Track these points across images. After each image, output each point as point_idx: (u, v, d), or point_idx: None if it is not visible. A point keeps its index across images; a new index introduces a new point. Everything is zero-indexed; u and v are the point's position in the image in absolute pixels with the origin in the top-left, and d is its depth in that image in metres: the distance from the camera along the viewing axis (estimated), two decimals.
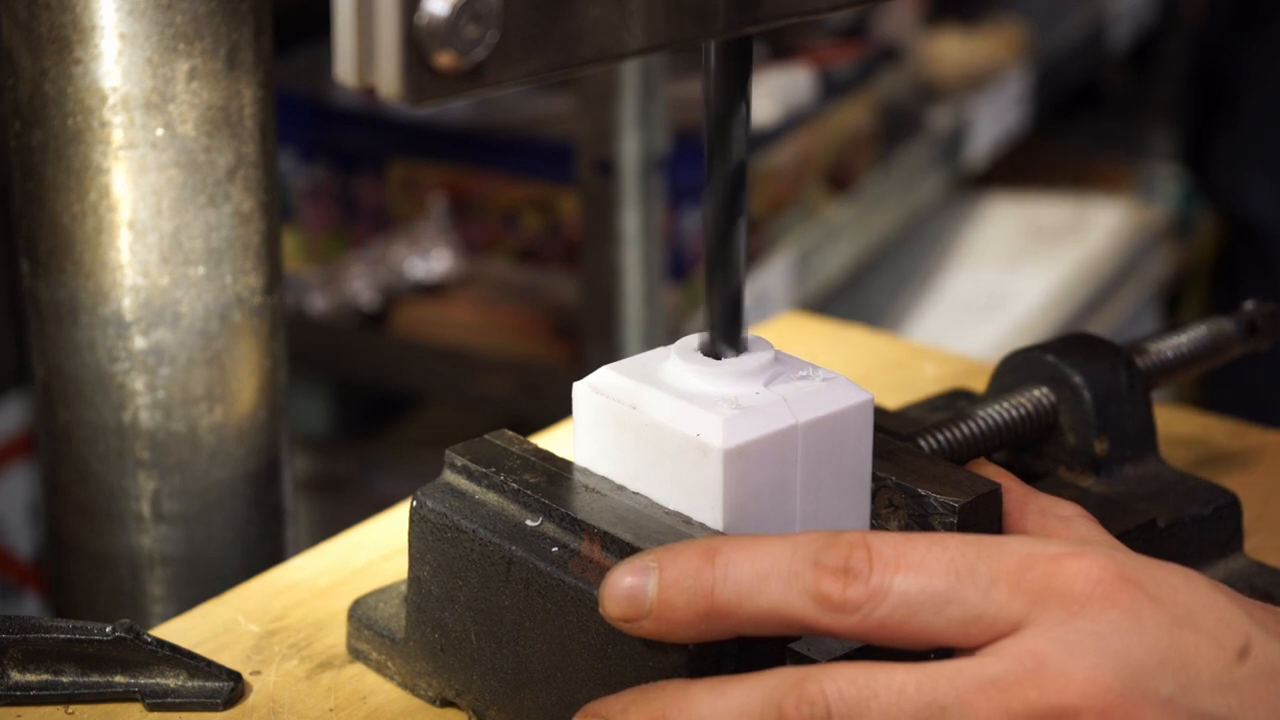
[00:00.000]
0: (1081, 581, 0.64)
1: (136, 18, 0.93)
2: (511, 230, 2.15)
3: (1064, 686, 0.62)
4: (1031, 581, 0.64)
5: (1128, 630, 0.63)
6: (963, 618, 0.64)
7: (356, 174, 2.22)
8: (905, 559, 0.65)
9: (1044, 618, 0.63)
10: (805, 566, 0.65)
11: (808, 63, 2.34)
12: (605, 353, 1.96)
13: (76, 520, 1.01)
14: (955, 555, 0.65)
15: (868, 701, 0.64)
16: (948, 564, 0.64)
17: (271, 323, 1.00)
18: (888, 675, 0.64)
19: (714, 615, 0.67)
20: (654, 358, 0.78)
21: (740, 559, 0.67)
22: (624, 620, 0.69)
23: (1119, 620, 0.63)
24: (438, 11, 0.60)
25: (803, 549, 0.66)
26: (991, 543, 0.65)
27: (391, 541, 0.95)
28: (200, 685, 0.82)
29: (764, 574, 0.66)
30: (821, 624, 0.65)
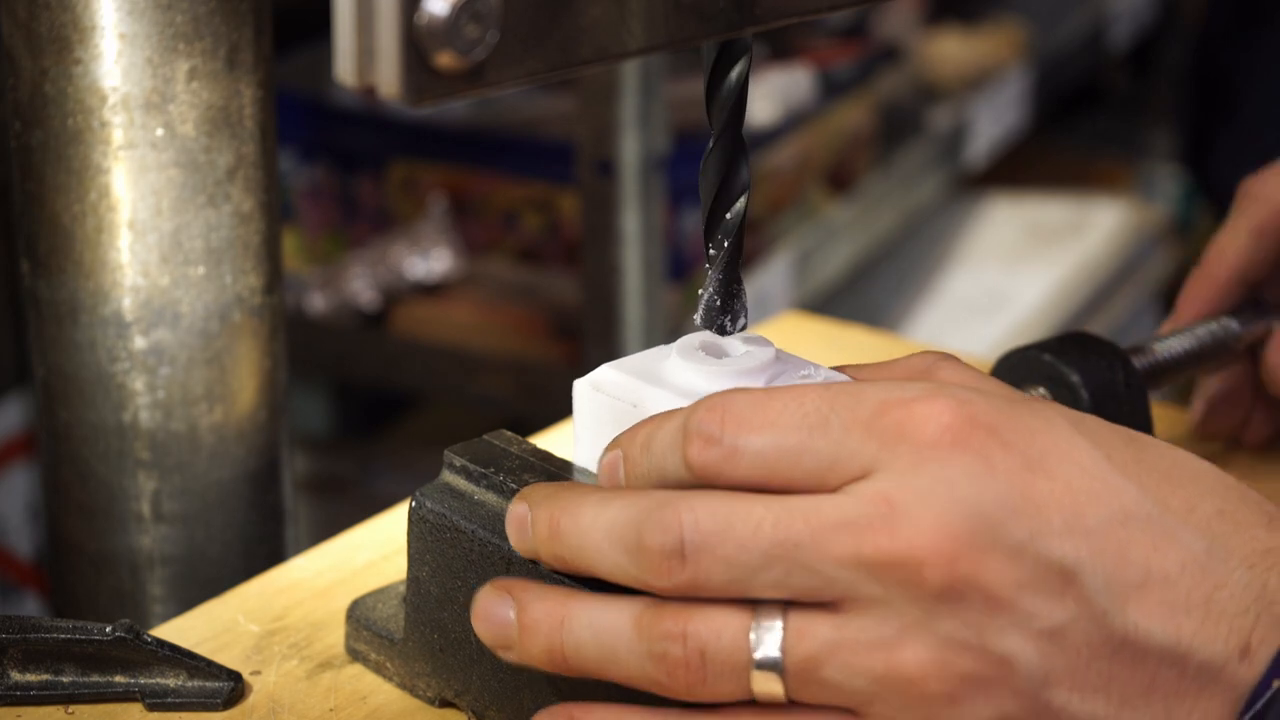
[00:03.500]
0: (932, 425, 0.63)
1: (136, 18, 0.93)
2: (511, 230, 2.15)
3: (912, 534, 0.62)
4: (884, 426, 0.64)
5: (977, 475, 0.63)
6: (817, 468, 0.64)
7: (356, 174, 2.22)
8: (758, 418, 0.65)
9: (895, 463, 0.63)
10: (677, 447, 0.66)
11: (808, 63, 2.34)
12: (605, 353, 1.96)
13: (76, 520, 1.01)
14: (810, 409, 0.64)
15: (724, 533, 0.64)
16: (800, 418, 0.64)
17: (271, 323, 1.00)
18: (746, 508, 0.64)
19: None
20: (654, 356, 0.78)
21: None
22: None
23: (969, 465, 0.63)
24: (438, 11, 0.60)
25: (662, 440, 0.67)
26: (848, 390, 0.65)
27: (391, 541, 0.95)
28: (200, 685, 0.82)
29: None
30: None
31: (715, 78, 0.74)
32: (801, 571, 0.63)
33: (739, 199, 0.76)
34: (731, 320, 0.77)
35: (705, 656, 0.65)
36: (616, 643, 0.67)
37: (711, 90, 0.74)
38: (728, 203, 0.76)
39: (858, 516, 0.63)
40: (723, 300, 0.76)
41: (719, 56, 0.74)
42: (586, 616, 0.68)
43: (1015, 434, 0.64)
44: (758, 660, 0.64)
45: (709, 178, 0.76)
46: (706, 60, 0.74)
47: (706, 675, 0.65)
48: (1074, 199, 2.92)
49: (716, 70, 0.74)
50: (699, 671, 0.65)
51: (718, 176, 0.75)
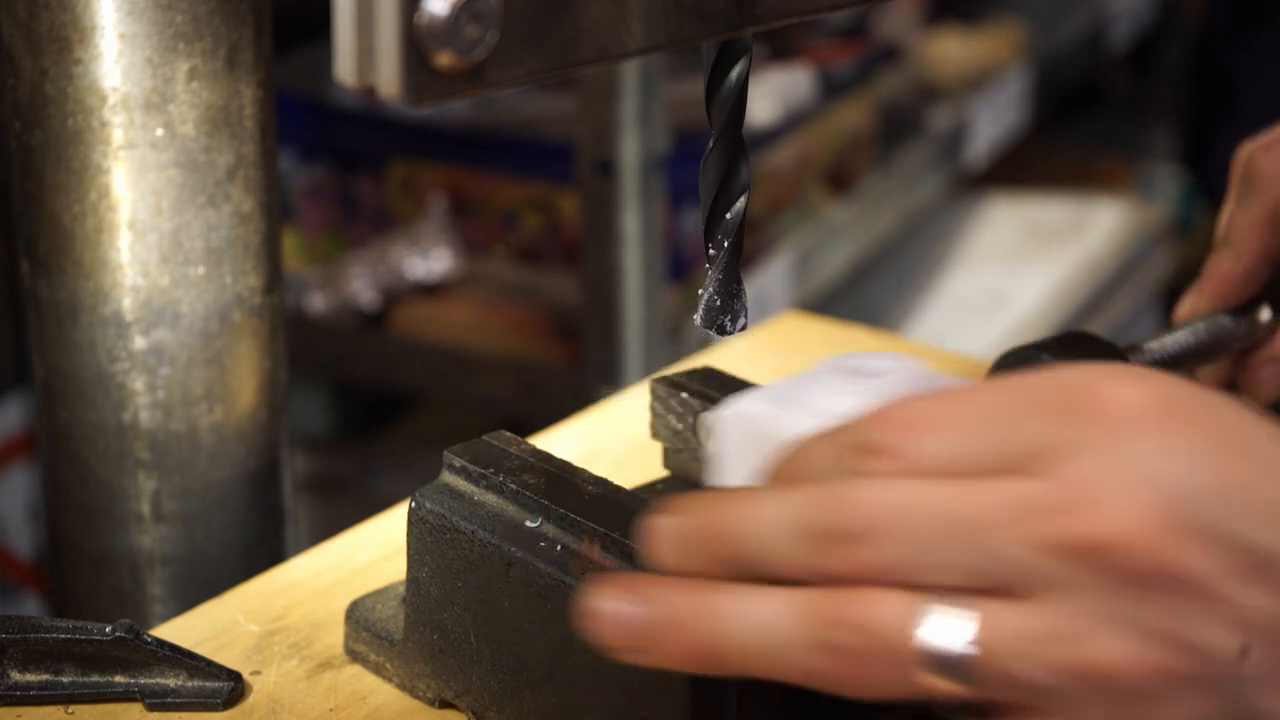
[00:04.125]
0: (1123, 406, 0.59)
1: (136, 18, 0.93)
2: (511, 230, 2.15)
3: (1110, 517, 0.57)
4: (1072, 410, 0.59)
5: (1176, 456, 0.58)
6: (1003, 463, 0.59)
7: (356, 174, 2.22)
8: (934, 420, 0.60)
9: (1088, 445, 0.59)
10: (843, 458, 0.62)
11: (808, 63, 2.34)
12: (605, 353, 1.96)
13: (76, 520, 1.01)
14: (987, 404, 0.60)
15: (904, 512, 0.59)
16: (979, 415, 0.60)
17: (271, 323, 1.00)
18: (930, 490, 0.59)
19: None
20: (790, 384, 0.73)
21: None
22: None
23: (1166, 445, 0.58)
24: (438, 11, 0.60)
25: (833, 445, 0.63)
26: (1023, 380, 0.61)
27: (391, 541, 0.95)
28: (200, 685, 0.82)
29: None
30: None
31: (715, 78, 0.74)
32: (987, 556, 0.59)
33: (739, 199, 0.76)
34: (731, 320, 0.77)
35: (876, 645, 0.60)
36: (778, 633, 0.61)
37: (711, 90, 0.74)
38: (728, 203, 0.76)
39: (1050, 498, 0.58)
40: (723, 300, 0.76)
41: (719, 56, 0.74)
42: (740, 608, 0.62)
43: (1206, 415, 0.60)
44: (935, 651, 0.59)
45: (709, 178, 0.75)
46: (706, 60, 0.74)
47: (877, 665, 0.60)
48: (1074, 199, 2.92)
49: (716, 70, 0.74)
50: (868, 661, 0.60)
51: (718, 176, 0.75)
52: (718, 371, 0.90)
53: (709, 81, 0.74)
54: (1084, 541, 0.58)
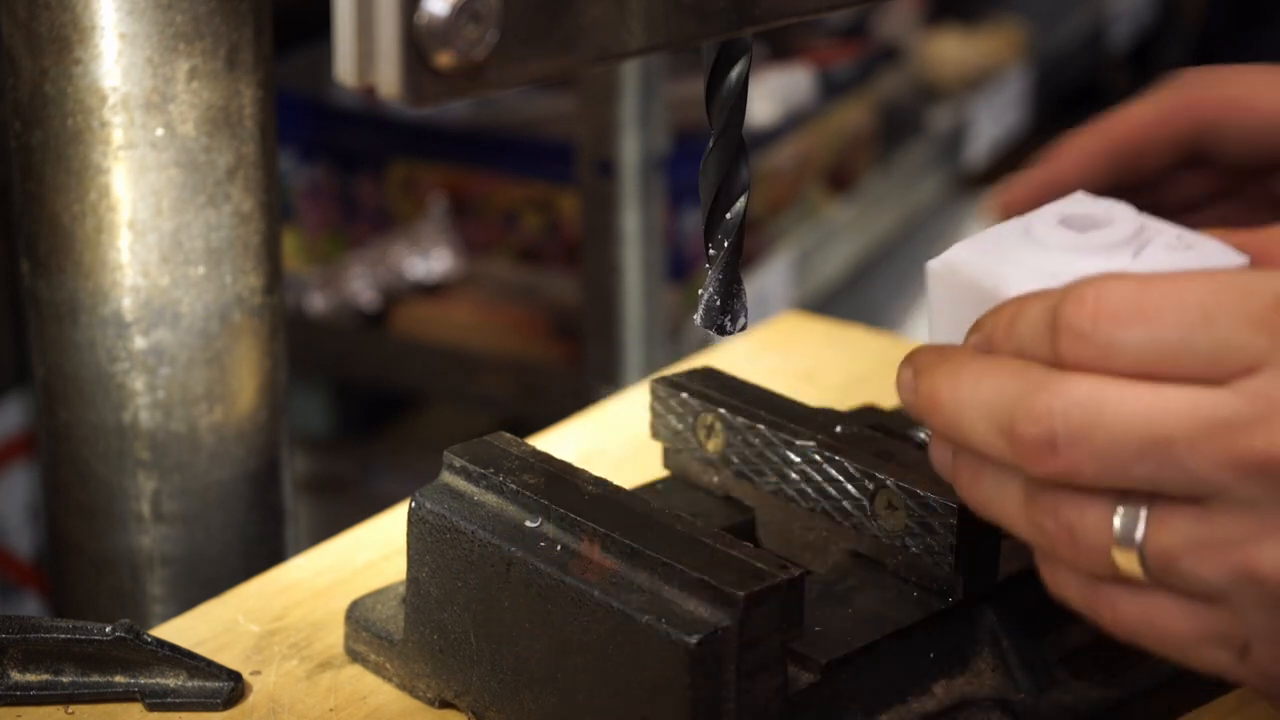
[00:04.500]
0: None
1: (136, 18, 0.92)
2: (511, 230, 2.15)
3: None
4: (1275, 322, 0.60)
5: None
6: (1198, 365, 0.61)
7: (356, 174, 2.22)
8: (1135, 311, 0.62)
9: (1277, 359, 0.60)
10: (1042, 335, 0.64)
11: (808, 63, 2.34)
12: (605, 353, 1.96)
13: (76, 520, 1.01)
14: (1191, 302, 0.61)
15: (1095, 427, 0.62)
16: (1181, 312, 0.61)
17: (271, 323, 1.00)
18: (1119, 400, 0.62)
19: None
20: (1007, 233, 0.72)
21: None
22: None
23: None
24: (438, 11, 0.60)
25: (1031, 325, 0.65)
26: (1234, 280, 0.61)
27: (391, 541, 0.95)
28: (200, 685, 0.82)
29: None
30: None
31: (715, 78, 0.74)
32: (1173, 469, 0.61)
33: (739, 199, 0.76)
34: (731, 320, 0.77)
35: (1074, 536, 0.64)
36: (1002, 507, 0.67)
37: (711, 90, 0.74)
38: (728, 203, 0.76)
39: (1236, 415, 0.60)
40: (723, 300, 0.76)
41: (719, 56, 0.74)
42: (968, 478, 0.68)
43: None
44: (1119, 544, 0.63)
45: (709, 178, 0.75)
46: (706, 60, 0.74)
47: (1078, 551, 0.64)
48: None
49: (716, 70, 0.74)
50: (1070, 547, 0.64)
51: (718, 176, 0.75)
52: (718, 371, 0.90)
53: (709, 81, 0.74)
54: (1264, 459, 0.60)
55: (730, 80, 0.74)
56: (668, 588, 0.74)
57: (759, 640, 0.73)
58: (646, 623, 0.73)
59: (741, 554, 0.74)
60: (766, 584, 0.73)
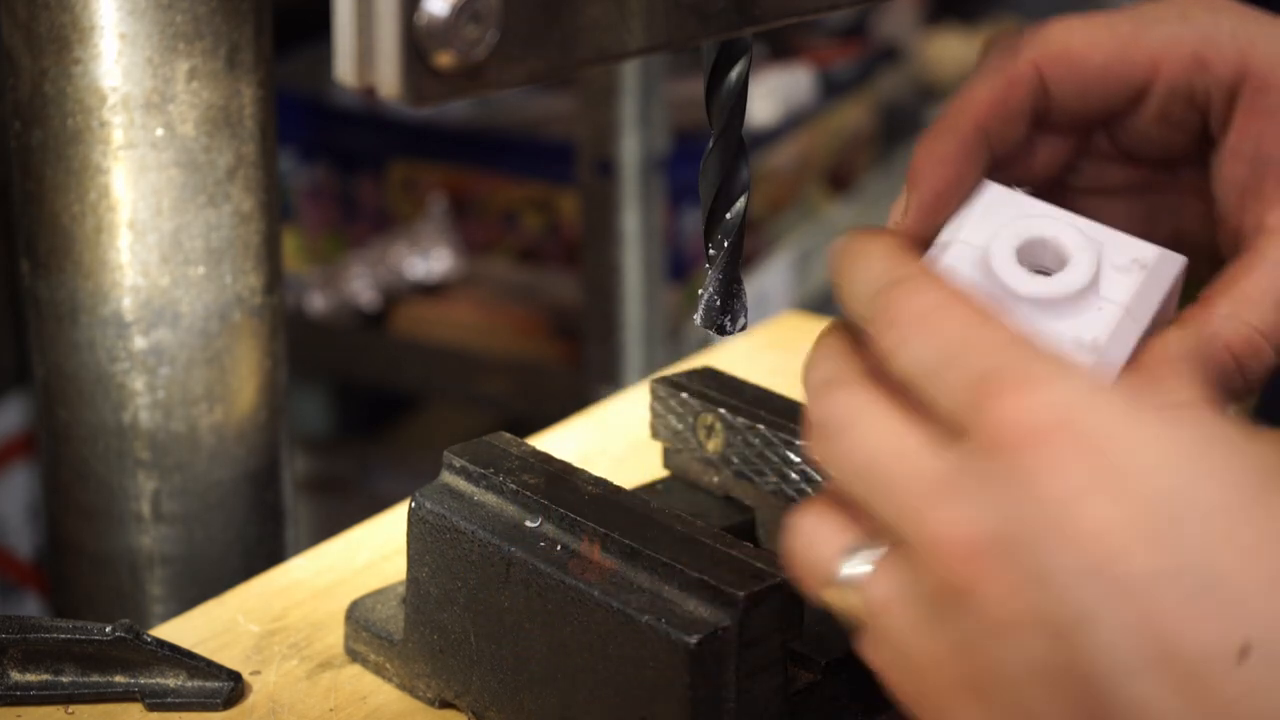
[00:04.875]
0: (1012, 425, 0.59)
1: (136, 18, 0.93)
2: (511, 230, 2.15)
3: (942, 523, 0.60)
4: (979, 397, 0.60)
5: (1027, 485, 0.58)
6: (940, 399, 0.62)
7: (356, 174, 2.22)
8: (919, 325, 0.63)
9: (972, 439, 0.60)
10: (871, 307, 0.65)
11: (808, 63, 2.34)
12: (605, 353, 1.96)
13: (76, 520, 1.01)
14: (950, 338, 0.62)
15: (840, 435, 0.63)
16: (942, 345, 0.62)
17: (271, 323, 1.00)
18: (869, 418, 0.63)
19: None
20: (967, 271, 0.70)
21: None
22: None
23: (1026, 473, 0.58)
24: (438, 11, 0.60)
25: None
26: (986, 342, 0.61)
27: (391, 541, 0.95)
28: (200, 685, 0.82)
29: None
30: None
31: (715, 78, 0.74)
32: (878, 503, 0.62)
33: (739, 199, 0.76)
34: (731, 320, 0.77)
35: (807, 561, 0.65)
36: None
37: (711, 90, 0.74)
38: (728, 203, 0.76)
39: (922, 480, 0.61)
40: (723, 300, 0.76)
41: (719, 56, 0.74)
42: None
43: (1098, 450, 0.58)
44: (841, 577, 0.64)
45: (709, 178, 0.75)
46: (706, 60, 0.74)
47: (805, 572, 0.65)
48: None
49: (716, 70, 0.74)
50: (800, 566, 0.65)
51: (718, 176, 0.75)
52: (718, 371, 0.90)
53: (709, 81, 0.74)
54: (920, 536, 0.61)
55: (730, 80, 0.74)
56: (668, 588, 0.74)
57: (759, 640, 0.73)
58: (646, 623, 0.73)
59: (741, 554, 0.75)
60: (766, 584, 0.73)
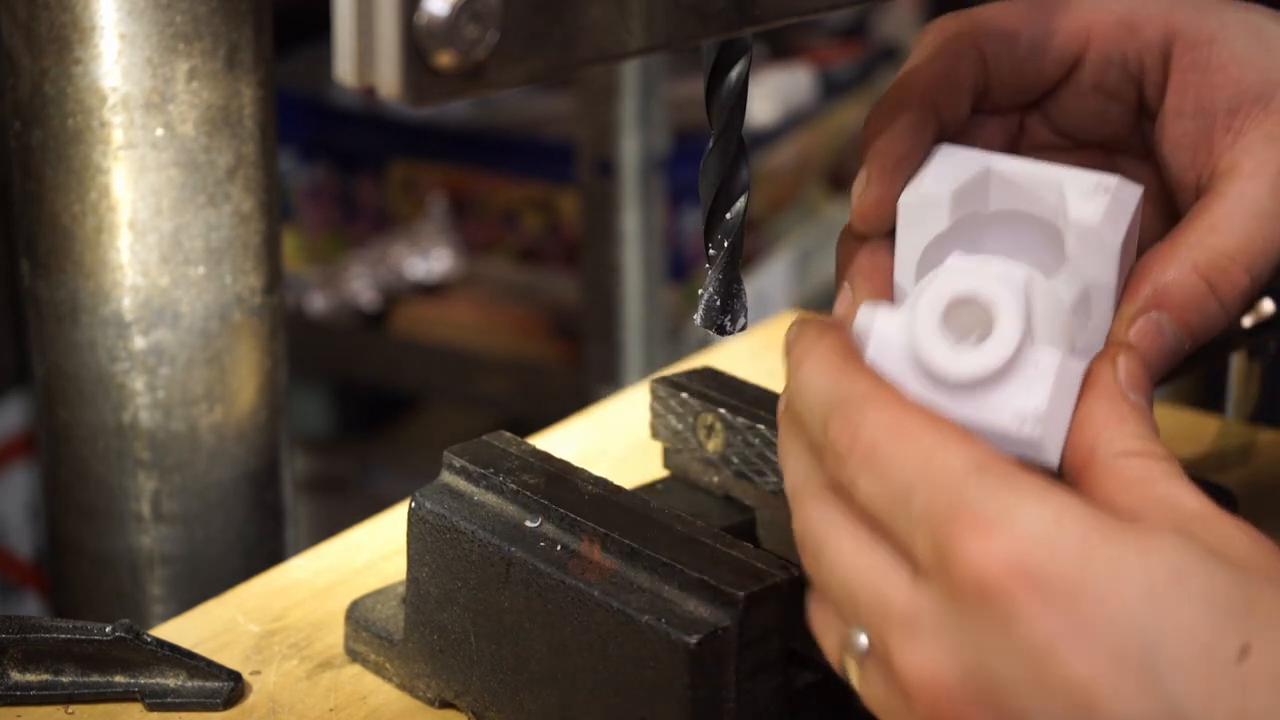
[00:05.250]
0: (971, 568, 0.59)
1: (136, 18, 0.93)
2: (511, 230, 2.15)
3: (914, 665, 0.60)
4: (939, 539, 0.60)
5: (991, 636, 0.58)
6: (899, 533, 0.62)
7: (356, 174, 2.22)
8: (874, 460, 0.62)
9: (933, 581, 0.60)
10: (822, 436, 0.65)
11: (808, 63, 2.34)
12: (605, 353, 1.96)
13: (76, 520, 1.01)
14: (909, 475, 0.61)
15: (818, 557, 0.64)
16: (901, 484, 0.61)
17: (271, 323, 1.00)
18: (837, 545, 0.63)
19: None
20: (893, 344, 0.67)
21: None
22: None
23: (987, 624, 0.59)
24: (438, 11, 0.60)
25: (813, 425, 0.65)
26: (942, 474, 0.61)
27: (391, 542, 0.95)
28: (200, 685, 0.82)
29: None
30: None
31: (715, 78, 0.74)
32: (859, 622, 0.63)
33: (739, 199, 0.76)
34: (731, 320, 0.77)
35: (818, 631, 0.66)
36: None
37: (711, 90, 0.74)
38: (728, 203, 0.76)
39: (895, 612, 0.61)
40: (723, 300, 0.76)
41: (719, 56, 0.74)
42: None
43: (1063, 597, 0.58)
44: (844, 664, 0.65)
45: (709, 178, 0.75)
46: (706, 60, 0.74)
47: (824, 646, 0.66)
48: None
49: (716, 70, 0.74)
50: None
51: (718, 176, 0.75)
52: (718, 371, 0.90)
53: (709, 81, 0.74)
54: (897, 676, 0.61)
55: (730, 80, 0.74)
56: (668, 588, 0.74)
57: (759, 640, 0.73)
58: (646, 623, 0.73)
59: (741, 554, 0.74)
60: (766, 584, 0.73)
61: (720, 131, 0.75)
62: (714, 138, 0.75)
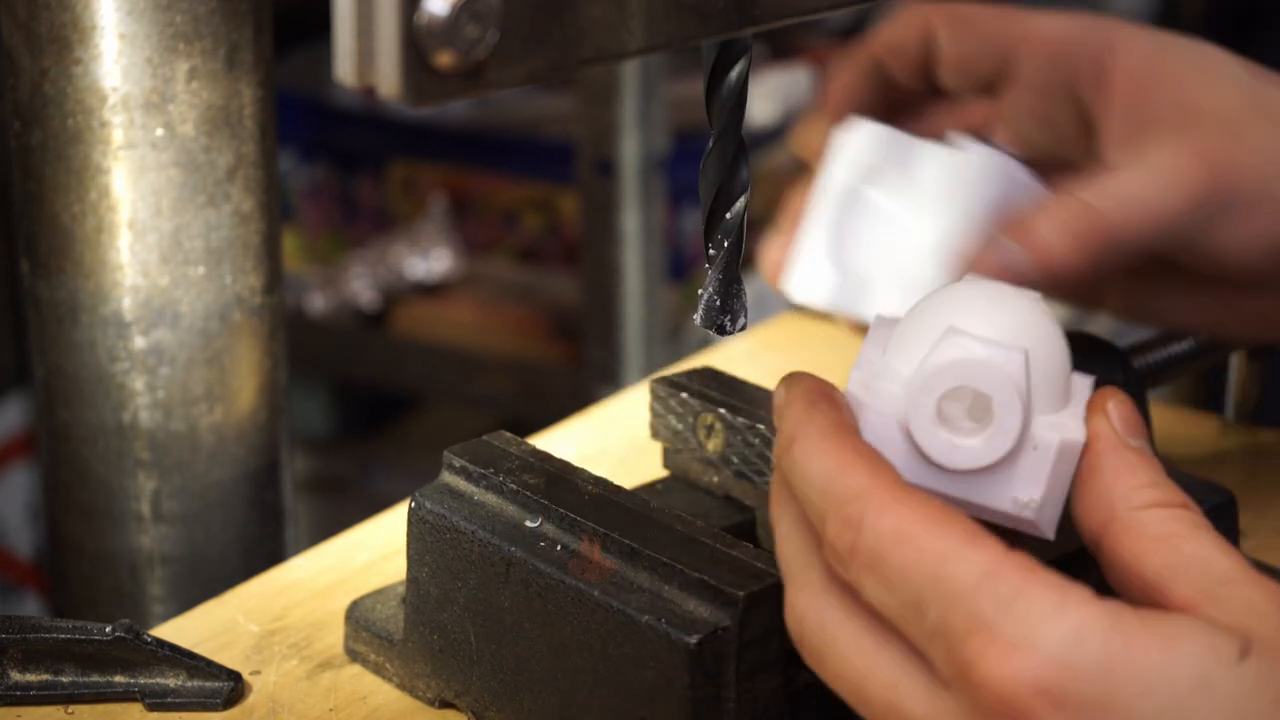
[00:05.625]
0: (992, 687, 0.58)
1: (136, 18, 0.93)
2: (511, 230, 2.15)
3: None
4: (958, 654, 0.59)
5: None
6: (913, 636, 0.61)
7: (356, 174, 2.22)
8: (881, 564, 0.61)
9: (954, 698, 0.60)
10: (820, 528, 0.64)
11: (808, 63, 2.34)
12: (605, 353, 1.96)
13: (76, 520, 1.01)
14: (922, 583, 0.60)
15: (823, 657, 0.64)
16: (911, 593, 0.60)
17: (271, 323, 1.00)
18: (843, 646, 0.63)
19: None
20: (887, 423, 0.67)
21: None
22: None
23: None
24: (438, 11, 0.60)
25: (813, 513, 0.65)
26: (953, 588, 0.60)
27: (391, 541, 0.95)
28: (200, 685, 0.82)
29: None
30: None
31: (715, 78, 0.74)
32: (865, 712, 0.63)
33: (739, 199, 0.76)
34: (731, 320, 0.77)
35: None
36: None
37: (711, 90, 0.74)
38: (728, 203, 0.76)
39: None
40: (723, 300, 0.76)
41: (719, 56, 0.74)
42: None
43: (1095, 711, 0.57)
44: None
45: (709, 178, 0.75)
46: (706, 60, 0.74)
47: None
48: None
49: (716, 70, 0.74)
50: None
51: (718, 176, 0.75)
52: (718, 371, 0.90)
53: (709, 81, 0.74)
54: None
55: (730, 80, 0.74)
56: (668, 588, 0.74)
57: (759, 640, 0.73)
58: (646, 623, 0.73)
59: (741, 554, 0.74)
60: (766, 584, 0.73)
61: (720, 131, 0.75)
62: (714, 138, 0.75)
